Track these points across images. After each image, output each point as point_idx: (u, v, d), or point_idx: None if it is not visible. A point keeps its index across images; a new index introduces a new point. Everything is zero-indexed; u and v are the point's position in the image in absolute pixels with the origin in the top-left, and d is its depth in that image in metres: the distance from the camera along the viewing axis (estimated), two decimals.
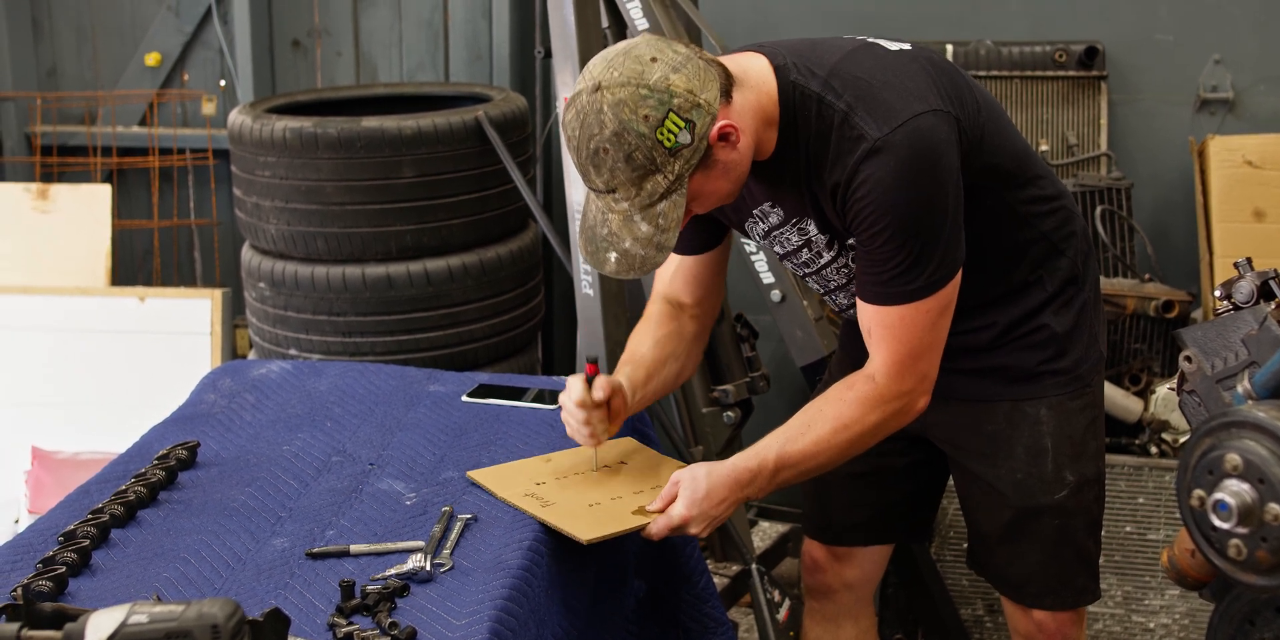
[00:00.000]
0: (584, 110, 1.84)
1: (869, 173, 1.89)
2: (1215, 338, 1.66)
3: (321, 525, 1.99)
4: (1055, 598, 2.27)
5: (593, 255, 1.94)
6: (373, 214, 3.25)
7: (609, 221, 1.91)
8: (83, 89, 4.62)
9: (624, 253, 1.90)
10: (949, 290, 1.99)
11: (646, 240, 1.89)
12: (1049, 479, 2.20)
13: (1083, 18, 3.74)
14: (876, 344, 2.02)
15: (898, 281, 1.95)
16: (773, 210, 2.10)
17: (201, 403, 2.48)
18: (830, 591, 2.51)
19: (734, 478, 2.03)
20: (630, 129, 1.81)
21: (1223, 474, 1.44)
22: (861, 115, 1.90)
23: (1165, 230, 3.73)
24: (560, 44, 3.05)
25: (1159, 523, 3.13)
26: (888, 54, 2.00)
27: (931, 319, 1.99)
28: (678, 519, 2.01)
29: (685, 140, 1.83)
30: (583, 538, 1.97)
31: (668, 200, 1.87)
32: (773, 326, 3.24)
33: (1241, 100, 3.69)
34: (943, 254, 1.94)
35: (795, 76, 1.95)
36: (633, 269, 1.92)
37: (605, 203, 1.90)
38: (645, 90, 1.81)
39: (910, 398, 2.04)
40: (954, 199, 1.94)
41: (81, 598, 1.77)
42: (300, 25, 4.38)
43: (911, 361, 2.01)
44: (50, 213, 4.27)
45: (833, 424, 2.04)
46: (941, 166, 1.91)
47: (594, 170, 1.86)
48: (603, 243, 1.92)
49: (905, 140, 1.88)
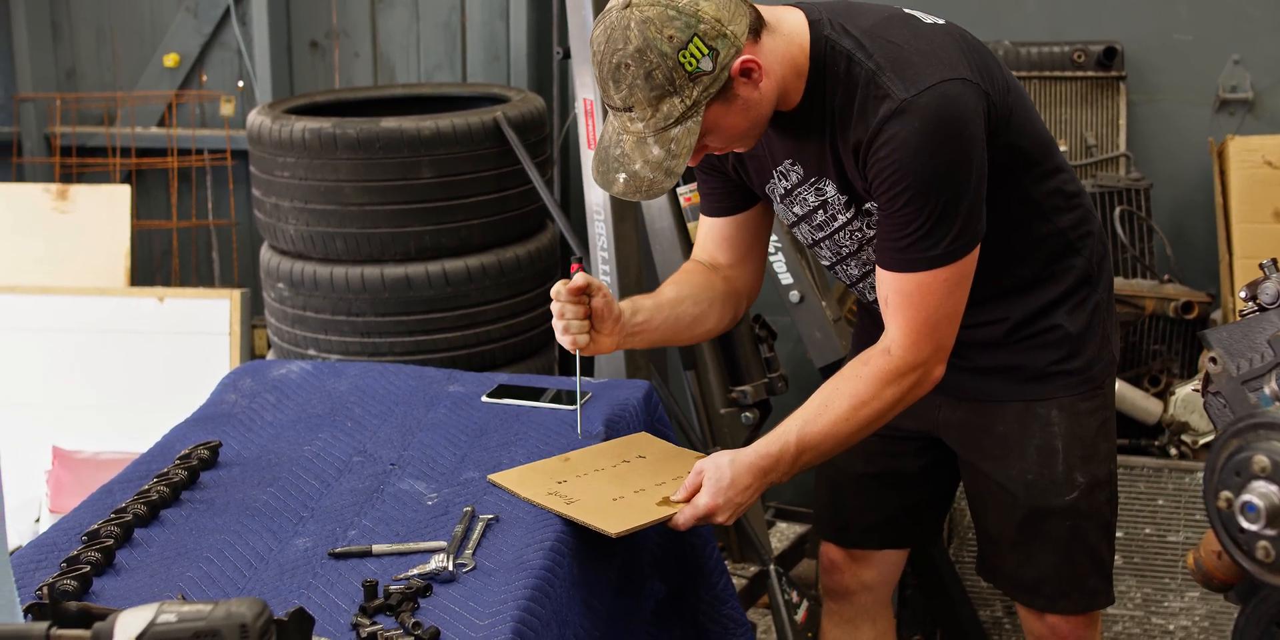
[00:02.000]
0: (612, 25, 1.86)
1: (893, 132, 1.89)
2: (1241, 339, 1.65)
3: (343, 525, 2.00)
4: (1068, 601, 2.26)
5: (603, 175, 1.96)
6: (391, 214, 3.26)
7: (622, 142, 1.92)
8: (102, 90, 4.63)
9: (633, 174, 1.92)
10: (968, 261, 1.98)
11: (656, 164, 1.90)
12: (1060, 480, 2.20)
13: (1101, 18, 3.73)
14: (893, 313, 2.02)
15: (917, 247, 1.95)
16: (793, 168, 2.09)
17: (222, 403, 2.48)
18: (848, 593, 2.51)
19: (757, 464, 2.03)
20: (653, 47, 1.83)
21: (1250, 475, 1.44)
22: (890, 75, 1.91)
23: (1184, 231, 3.72)
24: (579, 44, 3.05)
25: (1179, 525, 3.11)
26: (923, 25, 2.01)
27: (949, 288, 1.98)
28: (704, 508, 2.01)
29: (706, 67, 1.85)
30: (612, 531, 1.96)
31: (682, 126, 1.88)
32: (791, 327, 3.24)
33: (1261, 100, 3.67)
34: (963, 222, 1.94)
35: (829, 32, 1.96)
36: (639, 191, 1.93)
37: (621, 122, 1.91)
38: (673, 12, 1.83)
39: (926, 368, 2.03)
40: (977, 168, 1.94)
41: (106, 597, 1.78)
42: (318, 26, 4.39)
43: (929, 331, 2.00)
44: (69, 213, 4.29)
45: (850, 401, 2.03)
46: (966, 134, 1.91)
47: (613, 85, 1.88)
48: (614, 163, 1.94)
49: (931, 103, 1.88)
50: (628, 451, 2.23)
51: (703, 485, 2.03)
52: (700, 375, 3.12)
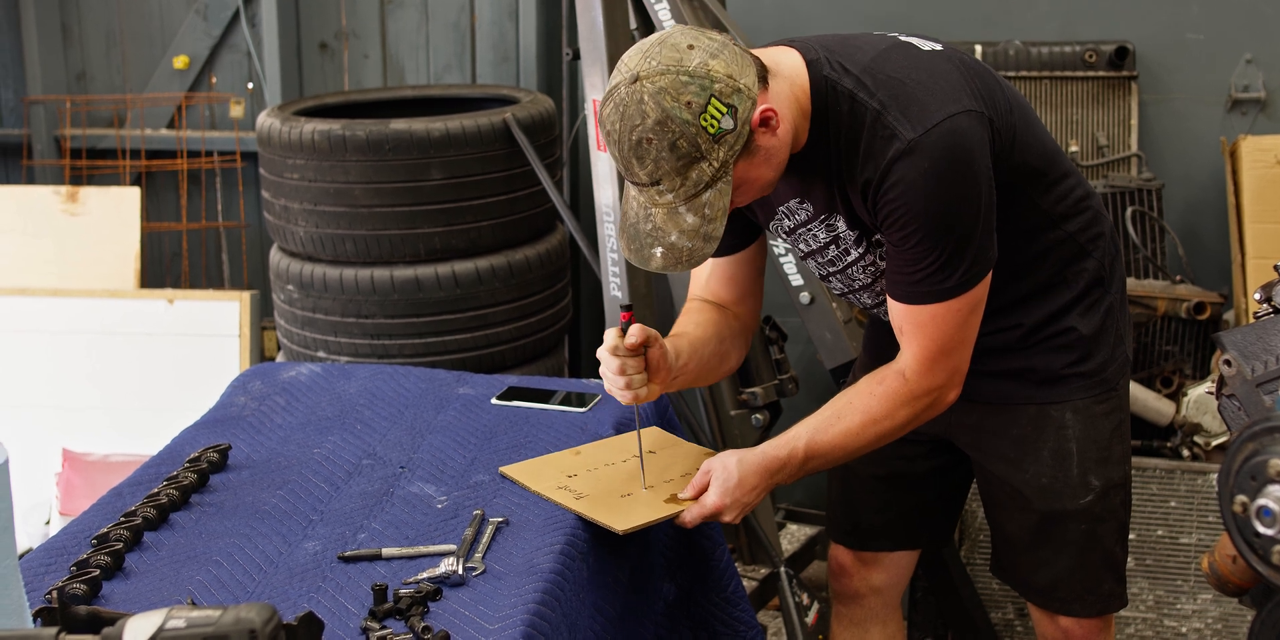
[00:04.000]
0: (623, 102, 1.82)
1: (901, 174, 1.88)
2: (1255, 341, 1.64)
3: (353, 528, 1.99)
4: (1081, 604, 2.26)
5: (636, 253, 1.91)
6: (401, 216, 3.25)
7: (652, 216, 1.88)
8: (111, 92, 4.64)
9: (670, 247, 1.87)
10: (980, 289, 1.98)
11: (693, 231, 1.86)
12: (1075, 484, 2.19)
13: (1113, 17, 3.71)
14: (908, 341, 2.02)
15: (929, 281, 1.95)
16: (801, 207, 2.08)
17: (232, 405, 2.48)
18: (858, 596, 2.50)
19: (764, 466, 2.04)
20: (673, 116, 1.79)
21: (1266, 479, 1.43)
22: (895, 115, 1.88)
23: (1196, 231, 3.70)
24: (589, 45, 3.05)
25: (1191, 526, 3.10)
26: (921, 53, 1.98)
27: (963, 317, 1.98)
28: (711, 507, 2.02)
29: (728, 125, 1.81)
30: (618, 528, 1.97)
31: (713, 189, 1.85)
32: (801, 329, 3.23)
33: (1274, 100, 3.65)
34: (975, 254, 1.93)
35: (828, 72, 1.93)
36: (680, 262, 1.89)
37: (648, 197, 1.87)
38: (686, 77, 1.79)
39: (940, 393, 2.04)
40: (986, 200, 1.93)
41: (115, 600, 1.78)
42: (327, 27, 4.39)
43: (943, 358, 2.01)
44: (79, 215, 4.29)
45: (862, 417, 2.04)
46: (974, 168, 1.90)
47: (637, 163, 1.84)
48: (647, 238, 1.89)
49: (939, 142, 1.87)
50: (639, 445, 2.23)
51: (710, 484, 2.03)
52: None
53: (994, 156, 1.95)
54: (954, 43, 3.58)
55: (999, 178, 1.97)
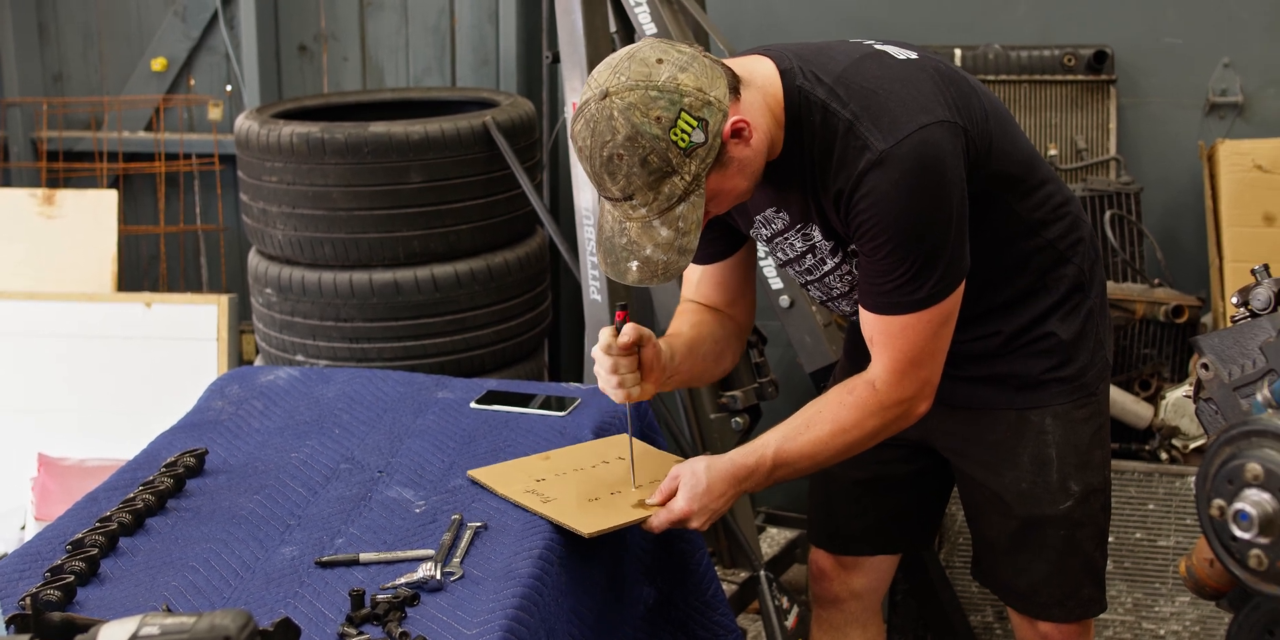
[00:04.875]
0: (593, 118, 1.82)
1: (873, 184, 1.87)
2: (1233, 345, 1.64)
3: (330, 533, 1.98)
4: (1061, 609, 2.26)
5: (613, 266, 1.91)
6: (380, 219, 3.24)
7: (627, 230, 1.88)
8: (89, 94, 4.61)
9: (645, 260, 1.88)
10: (952, 300, 1.98)
11: (668, 245, 1.86)
12: (1054, 489, 2.19)
13: (1091, 22, 3.72)
14: (879, 351, 2.02)
15: (900, 292, 1.94)
16: (777, 216, 2.08)
17: (209, 409, 2.47)
18: (838, 600, 2.50)
19: (732, 473, 2.03)
20: (643, 132, 1.79)
21: (1243, 483, 1.43)
22: (867, 125, 1.88)
23: (1175, 235, 3.71)
24: (569, 49, 3.04)
25: (1169, 529, 3.11)
26: (895, 63, 1.98)
27: (934, 328, 1.98)
28: (679, 512, 2.01)
29: (699, 139, 1.81)
30: (584, 531, 1.97)
31: (686, 202, 1.85)
32: (781, 332, 3.23)
33: (1251, 104, 3.67)
34: (946, 265, 1.93)
35: (801, 81, 1.93)
36: (655, 275, 1.89)
37: (622, 211, 1.87)
38: (655, 92, 1.80)
39: (910, 404, 2.03)
40: (958, 211, 1.93)
41: (90, 607, 1.76)
42: (307, 30, 4.37)
43: (913, 369, 2.00)
44: (56, 218, 4.27)
45: (831, 427, 2.03)
46: (946, 179, 1.90)
47: (609, 178, 1.84)
48: (622, 252, 1.90)
49: (910, 153, 1.86)
50: (608, 453, 2.23)
51: (678, 490, 2.03)
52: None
53: (969, 166, 1.94)
54: (934, 46, 3.60)
55: (976, 186, 1.97)
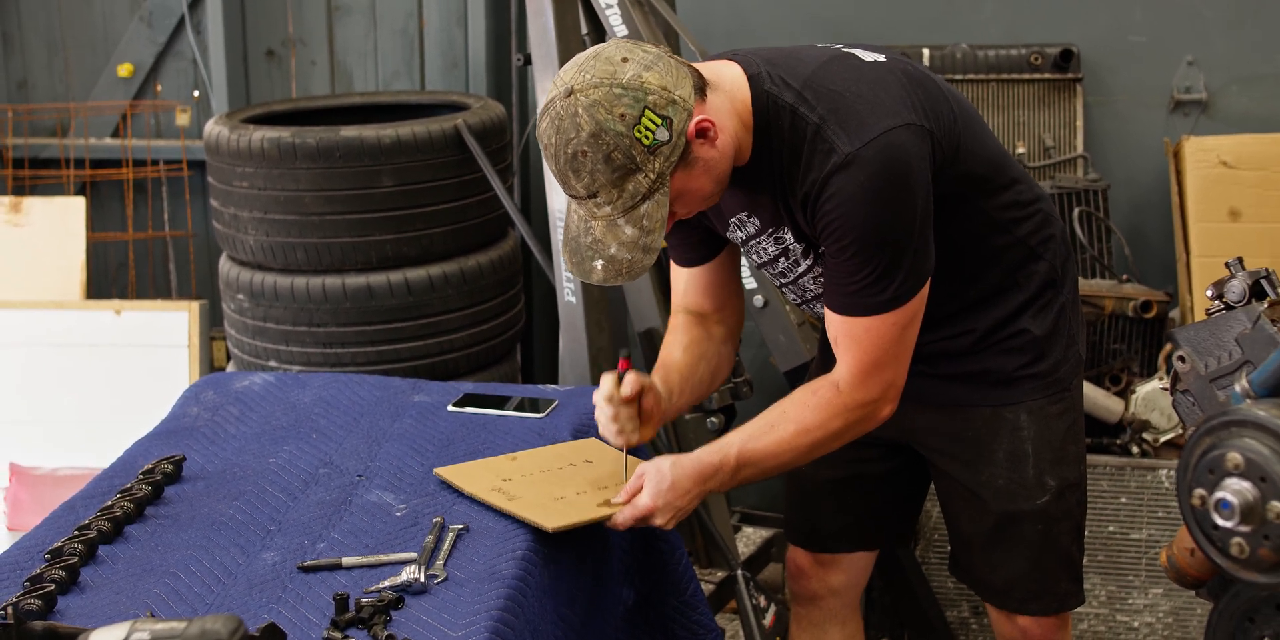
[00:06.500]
0: (558, 116, 1.83)
1: (838, 186, 1.89)
2: (1208, 337, 1.66)
3: (312, 538, 1.97)
4: (1039, 603, 2.27)
5: (578, 265, 1.92)
6: (352, 224, 3.23)
7: (592, 229, 1.89)
8: (54, 101, 4.58)
9: (610, 259, 1.89)
10: (916, 302, 1.98)
11: (632, 243, 1.87)
12: (1030, 484, 2.20)
13: (1057, 20, 3.75)
14: (843, 352, 2.02)
15: (864, 293, 1.95)
16: (749, 220, 2.09)
17: (185, 416, 2.46)
18: (816, 598, 2.51)
19: (697, 471, 2.03)
20: (607, 129, 1.80)
21: (1224, 472, 1.45)
22: (834, 128, 1.89)
23: (1142, 231, 3.75)
24: (540, 51, 3.04)
25: (1142, 522, 3.14)
26: (863, 65, 1.99)
27: (898, 331, 1.99)
28: (643, 509, 2.01)
29: (663, 137, 1.82)
30: (549, 526, 1.98)
31: (651, 201, 1.86)
32: (755, 332, 3.23)
33: (1215, 101, 3.71)
34: (909, 268, 1.94)
35: (769, 86, 1.94)
36: (620, 274, 1.90)
37: (587, 209, 1.88)
38: (619, 89, 1.80)
39: (874, 407, 2.04)
40: (923, 213, 1.94)
41: (71, 616, 1.75)
42: (274, 35, 4.36)
43: (876, 371, 2.01)
44: (23, 226, 4.24)
45: (794, 427, 2.04)
46: (911, 181, 1.91)
47: (573, 175, 1.85)
48: (587, 251, 1.91)
49: (876, 156, 1.87)
50: (575, 456, 2.24)
51: (644, 487, 2.03)
52: None
53: (937, 168, 1.95)
54: (901, 46, 3.62)
55: (945, 187, 1.98)
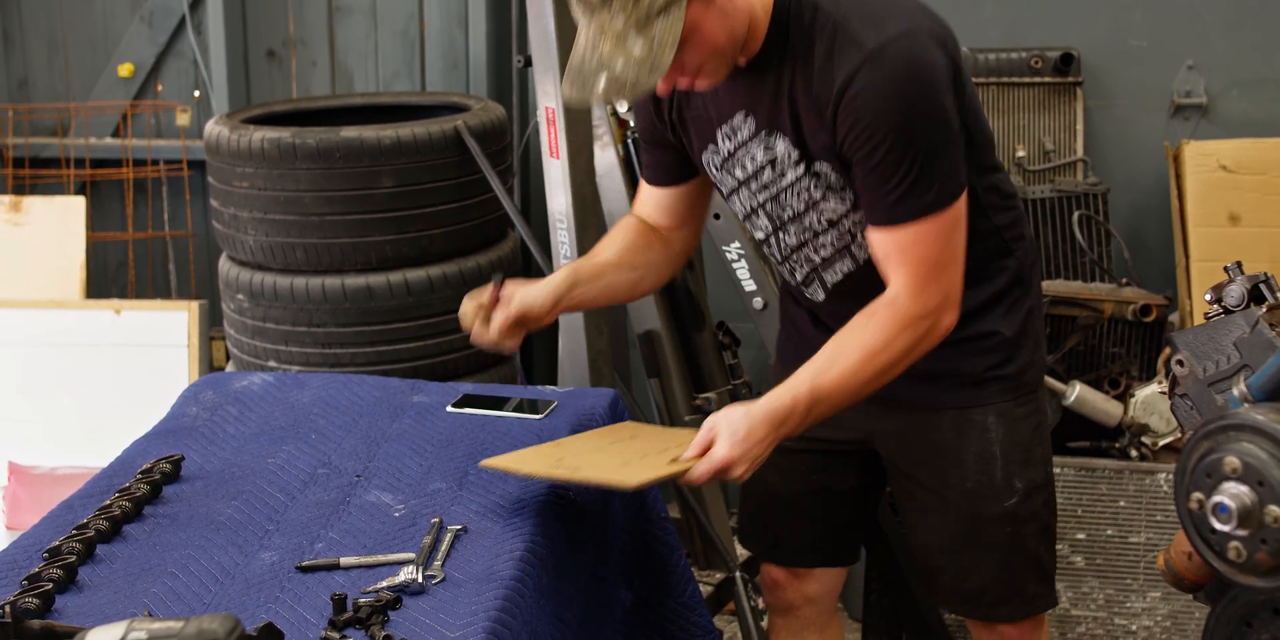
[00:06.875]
0: None
1: (864, 82, 1.87)
2: (1207, 341, 1.66)
3: (310, 538, 1.98)
4: (1008, 607, 2.26)
5: (580, 88, 1.88)
6: (352, 224, 3.23)
7: (600, 48, 1.85)
8: (55, 100, 4.58)
9: (614, 77, 1.85)
10: (958, 207, 1.96)
11: (640, 61, 1.84)
12: (999, 486, 2.19)
13: (1058, 24, 3.76)
14: (895, 267, 1.98)
15: (908, 197, 1.92)
16: (744, 122, 2.06)
17: (184, 416, 2.46)
18: (793, 607, 2.50)
19: (770, 416, 1.95)
20: None
21: (1222, 477, 1.45)
22: (856, 25, 1.89)
23: (1141, 235, 3.75)
24: (541, 53, 3.05)
25: (1140, 526, 3.14)
26: None
27: (946, 233, 1.96)
28: (720, 460, 1.93)
29: None
30: (630, 483, 1.91)
31: (665, 18, 1.83)
32: (755, 334, 3.24)
33: (1215, 105, 3.71)
34: (948, 168, 1.92)
35: None
36: (623, 91, 1.86)
37: (599, 23, 1.85)
38: None
39: (935, 317, 1.98)
40: (953, 116, 1.93)
41: (69, 615, 1.75)
42: (275, 35, 4.36)
43: (932, 279, 1.97)
44: (23, 226, 4.24)
45: (860, 353, 1.97)
46: (938, 79, 1.90)
47: None
48: (591, 71, 1.87)
49: (901, 53, 1.87)
50: (620, 434, 2.21)
51: (717, 439, 1.95)
52: (664, 383, 3.11)
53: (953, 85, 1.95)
54: None
55: None
